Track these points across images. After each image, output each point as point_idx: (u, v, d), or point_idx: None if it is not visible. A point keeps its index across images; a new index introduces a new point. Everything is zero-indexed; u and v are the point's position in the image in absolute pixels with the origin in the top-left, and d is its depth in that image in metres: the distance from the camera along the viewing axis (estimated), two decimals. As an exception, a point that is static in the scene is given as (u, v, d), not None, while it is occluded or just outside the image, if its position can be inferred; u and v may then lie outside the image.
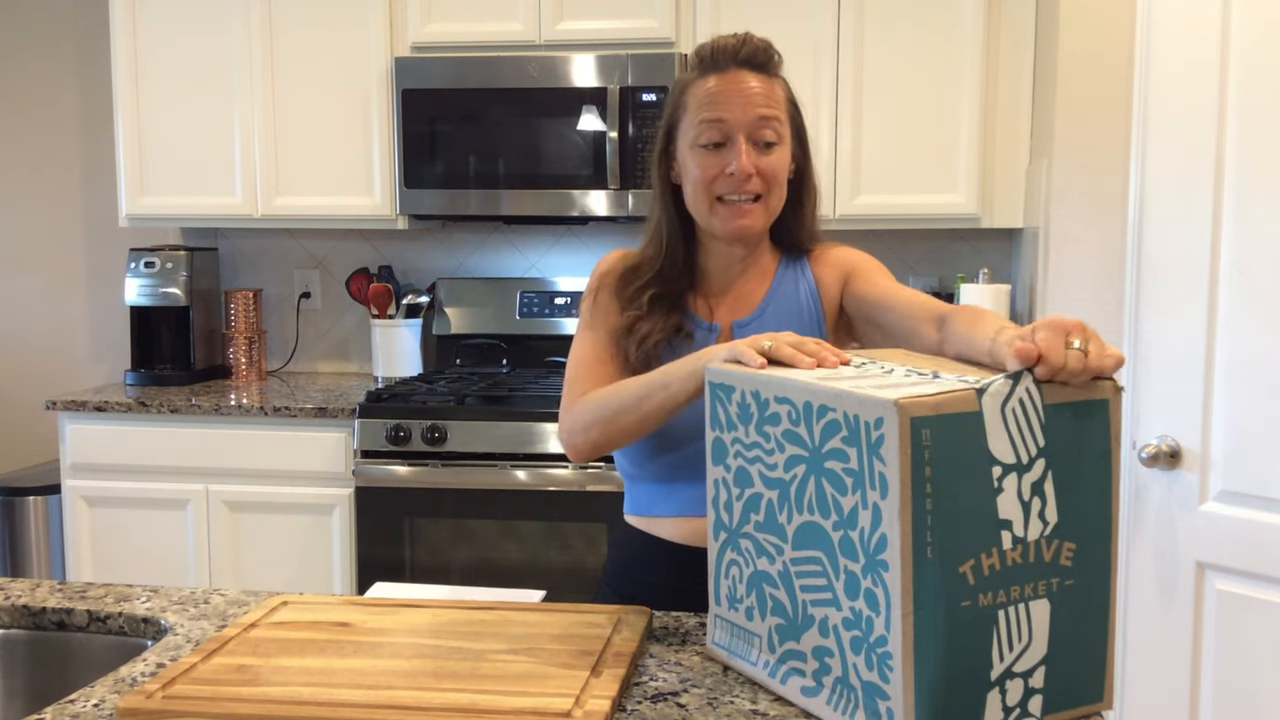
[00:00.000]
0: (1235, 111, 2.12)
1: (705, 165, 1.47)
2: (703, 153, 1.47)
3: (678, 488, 1.53)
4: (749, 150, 1.45)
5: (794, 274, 1.58)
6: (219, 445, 3.10)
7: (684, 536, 1.52)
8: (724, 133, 1.46)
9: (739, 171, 1.45)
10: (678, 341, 1.53)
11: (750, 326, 1.54)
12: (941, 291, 3.33)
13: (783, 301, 1.56)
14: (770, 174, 1.48)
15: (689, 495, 1.51)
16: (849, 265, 1.56)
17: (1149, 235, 2.29)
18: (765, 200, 1.49)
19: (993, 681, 1.01)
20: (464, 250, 3.64)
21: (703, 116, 1.47)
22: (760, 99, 1.46)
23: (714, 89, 1.47)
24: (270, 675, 1.16)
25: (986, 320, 1.21)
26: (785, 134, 1.49)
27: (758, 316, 1.55)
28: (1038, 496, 1.01)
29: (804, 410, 1.06)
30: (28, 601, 1.45)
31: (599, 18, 3.15)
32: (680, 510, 1.53)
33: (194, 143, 3.35)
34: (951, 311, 1.34)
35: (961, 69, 3.04)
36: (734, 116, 1.45)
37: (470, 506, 2.95)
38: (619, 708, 1.12)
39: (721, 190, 1.47)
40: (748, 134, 1.46)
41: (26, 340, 3.87)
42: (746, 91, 1.46)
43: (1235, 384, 2.13)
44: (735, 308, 1.57)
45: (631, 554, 1.60)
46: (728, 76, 1.47)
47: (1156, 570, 2.28)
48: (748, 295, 1.57)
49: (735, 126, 1.46)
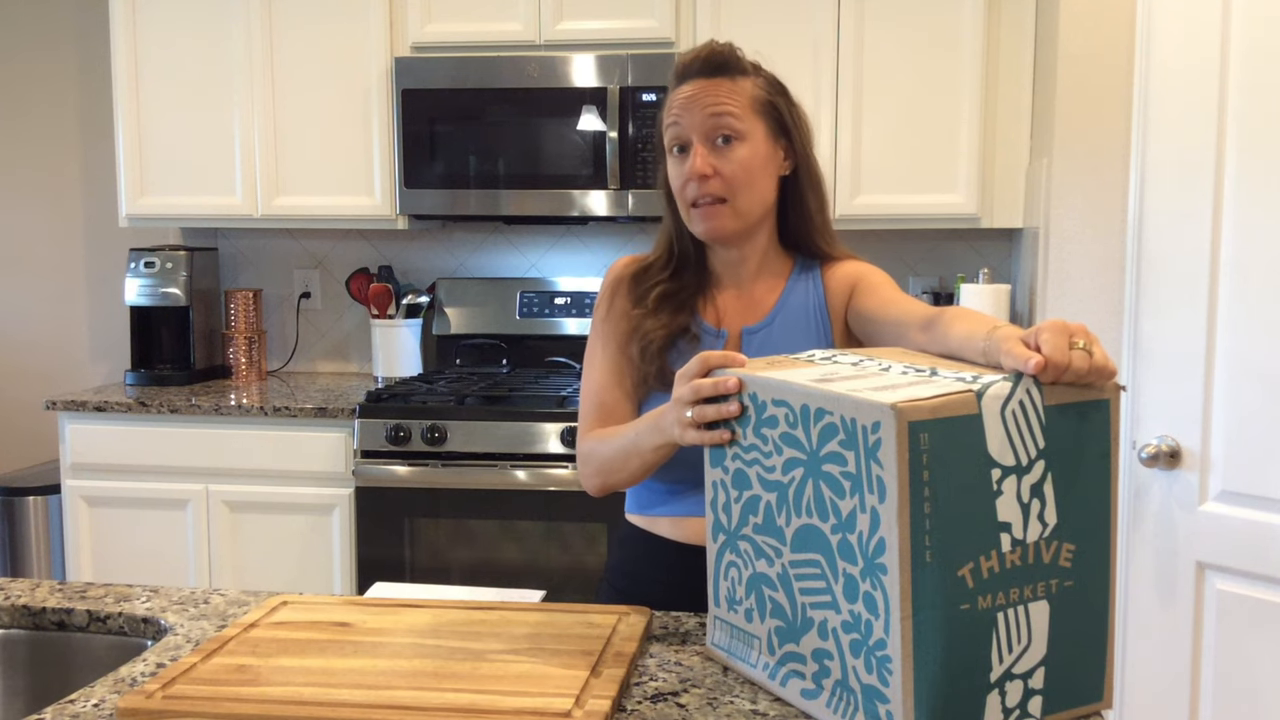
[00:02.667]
0: (1235, 111, 2.12)
1: (675, 173, 1.51)
2: (673, 161, 1.51)
3: (677, 488, 1.53)
4: (703, 152, 1.47)
5: (806, 283, 1.57)
6: (219, 445, 3.10)
7: (684, 536, 1.53)
8: (681, 138, 1.49)
9: (690, 173, 1.47)
10: (683, 344, 1.53)
11: (759, 334, 1.54)
12: (941, 291, 3.33)
13: (792, 311, 1.55)
14: (730, 174, 1.47)
15: (688, 496, 1.52)
16: (855, 279, 1.55)
17: (1149, 235, 2.29)
18: (731, 202, 1.48)
19: (992, 683, 1.01)
20: (464, 250, 3.64)
21: (666, 125, 1.51)
22: (709, 99, 1.47)
23: (674, 100, 1.51)
24: (270, 675, 1.16)
25: (976, 318, 1.21)
26: (748, 129, 1.48)
27: (767, 325, 1.55)
28: (1037, 498, 1.01)
29: (801, 413, 1.06)
30: (28, 601, 1.45)
31: (599, 18, 3.15)
32: (680, 511, 1.53)
33: (194, 143, 3.35)
34: (938, 314, 1.34)
35: (961, 69, 3.04)
36: (687, 121, 1.48)
37: (470, 506, 2.95)
38: (619, 708, 1.12)
39: (691, 195, 1.49)
40: (703, 136, 1.47)
41: (26, 340, 3.87)
42: (699, 96, 1.48)
43: (1235, 384, 2.13)
44: (745, 314, 1.57)
45: (633, 551, 1.61)
46: (690, 85, 1.50)
47: (1156, 570, 2.28)
48: (758, 302, 1.57)
49: (689, 130, 1.48)
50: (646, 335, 1.53)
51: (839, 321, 1.56)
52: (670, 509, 1.54)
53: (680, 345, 1.53)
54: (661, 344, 1.52)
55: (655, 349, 1.52)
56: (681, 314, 1.55)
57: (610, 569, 1.66)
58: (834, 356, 1.20)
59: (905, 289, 3.26)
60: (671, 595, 1.49)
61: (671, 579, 1.52)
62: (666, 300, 1.55)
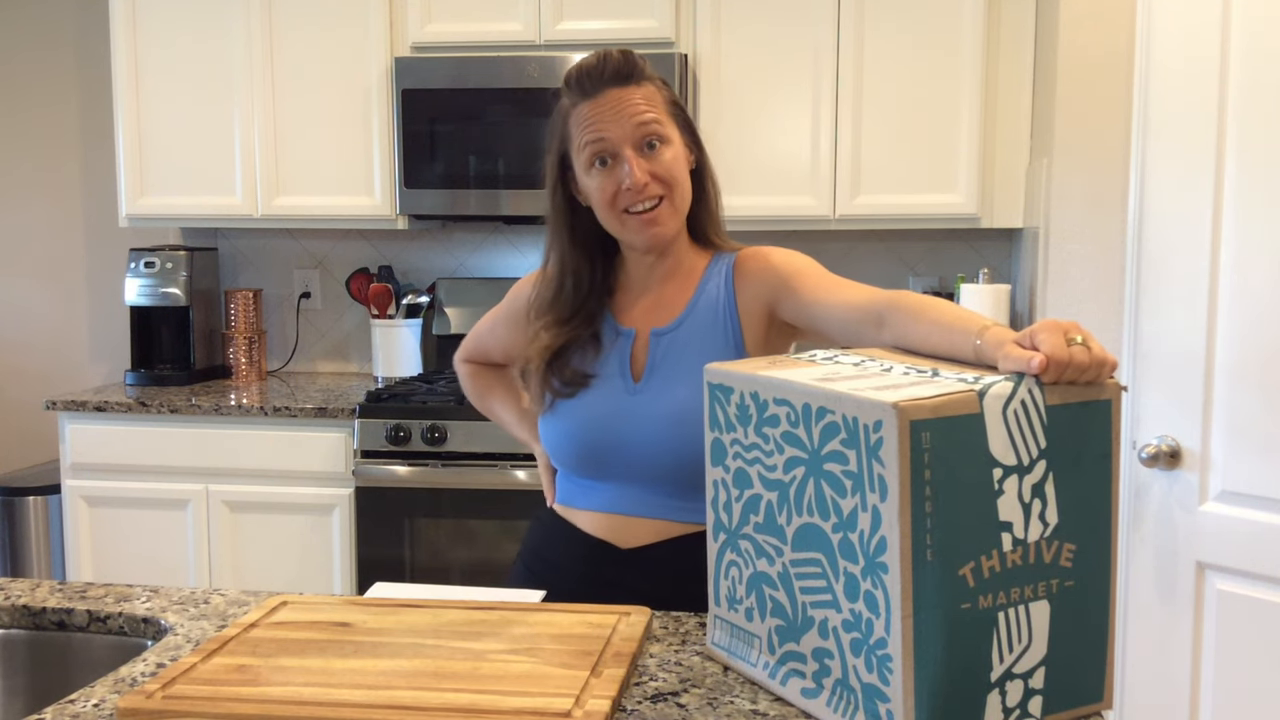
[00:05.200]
0: (1235, 111, 2.12)
1: (603, 185, 1.50)
2: (598, 174, 1.50)
3: (595, 485, 1.56)
4: (637, 160, 1.47)
5: (717, 283, 1.57)
6: (219, 445, 3.10)
7: (599, 530, 1.56)
8: (609, 151, 1.49)
9: (633, 184, 1.47)
10: (587, 342, 1.56)
11: (667, 336, 1.55)
12: (941, 291, 3.33)
13: (703, 312, 1.55)
14: (665, 174, 1.49)
15: (602, 494, 1.55)
16: (779, 276, 1.52)
17: (1149, 235, 2.29)
18: (670, 200, 1.50)
19: (993, 683, 1.01)
20: (464, 250, 3.64)
21: (586, 141, 1.50)
22: (632, 109, 1.48)
23: (589, 114, 1.50)
24: (270, 675, 1.16)
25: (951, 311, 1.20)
26: (669, 132, 1.51)
27: (676, 327, 1.55)
28: (1038, 498, 1.01)
29: (803, 412, 1.06)
30: (28, 601, 1.45)
31: (599, 18, 3.15)
32: (597, 507, 1.56)
33: (194, 142, 3.35)
34: (889, 303, 1.31)
35: (961, 69, 3.04)
36: (613, 133, 1.48)
37: (470, 506, 2.95)
38: (619, 708, 1.12)
39: (625, 204, 1.49)
40: (632, 145, 1.48)
41: (26, 340, 3.87)
42: (619, 106, 1.48)
43: (1235, 384, 2.13)
44: (656, 314, 1.57)
45: (547, 536, 1.64)
46: (599, 99, 1.50)
47: (1156, 570, 2.28)
48: (669, 301, 1.57)
49: (618, 142, 1.48)
50: (543, 345, 1.56)
51: (755, 319, 1.54)
52: (588, 504, 1.57)
53: (585, 343, 1.56)
54: (559, 351, 1.55)
55: (552, 358, 1.55)
56: (586, 325, 1.57)
57: (526, 548, 1.68)
58: (835, 356, 1.20)
59: (906, 289, 3.26)
60: (580, 586, 1.52)
61: (581, 570, 1.56)
62: (563, 326, 1.57)
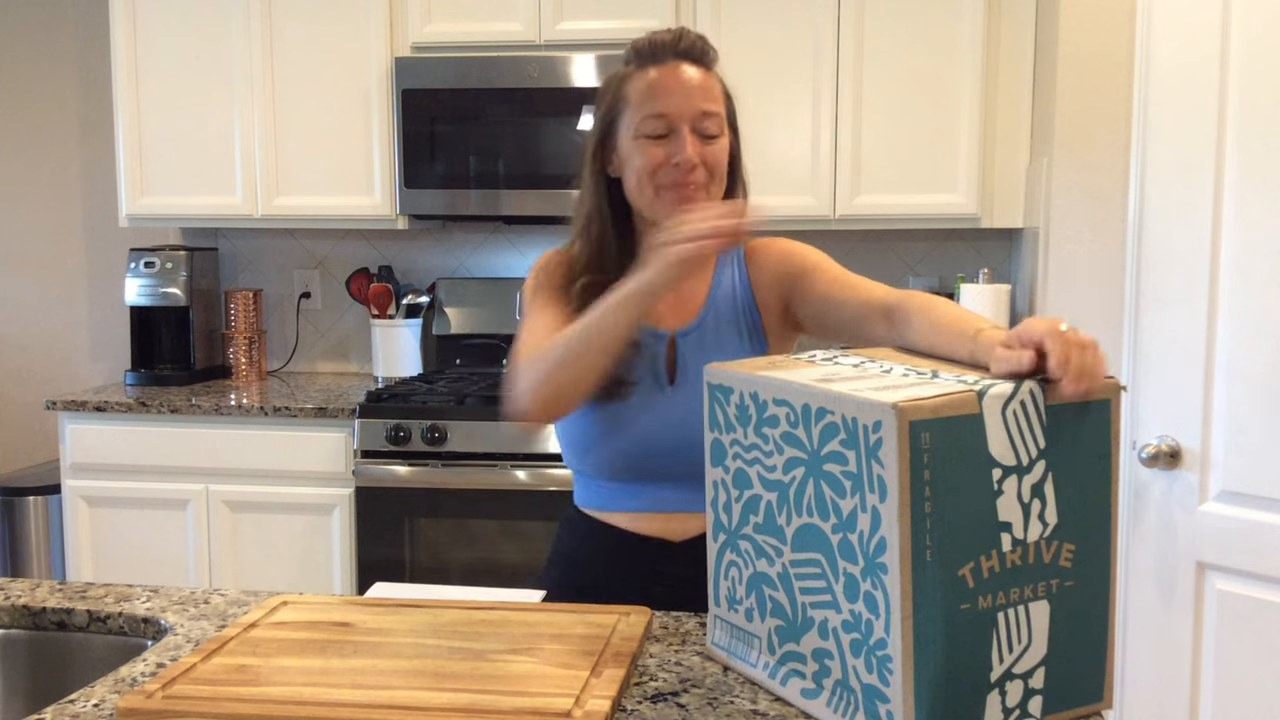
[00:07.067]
0: (1235, 110, 2.12)
1: (650, 155, 1.47)
2: (647, 143, 1.47)
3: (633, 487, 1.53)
4: (694, 141, 1.46)
5: (731, 272, 1.56)
6: (219, 445, 3.10)
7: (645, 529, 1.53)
8: (668, 124, 1.46)
9: (685, 161, 1.45)
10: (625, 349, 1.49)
11: (692, 336, 1.53)
12: (941, 291, 3.33)
13: (721, 305, 1.55)
14: (714, 164, 1.48)
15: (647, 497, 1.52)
16: (796, 265, 1.52)
17: (1149, 235, 2.29)
18: (708, 191, 1.49)
19: (992, 683, 1.01)
20: (464, 250, 3.64)
21: (646, 109, 1.47)
22: (701, 93, 1.47)
23: (655, 80, 1.48)
24: (270, 675, 1.16)
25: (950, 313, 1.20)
26: (724, 128, 1.50)
27: (698, 325, 1.54)
28: (1038, 498, 1.01)
29: (802, 412, 1.06)
30: (28, 601, 1.45)
31: (599, 18, 3.15)
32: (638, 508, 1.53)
33: (194, 142, 3.35)
34: (899, 301, 1.32)
35: (961, 69, 3.04)
36: (677, 108, 1.46)
37: (470, 506, 2.95)
38: (619, 708, 1.12)
39: (664, 180, 1.47)
40: (692, 125, 1.46)
41: (26, 340, 3.87)
42: (688, 84, 1.47)
43: (1235, 384, 2.13)
44: (677, 311, 1.55)
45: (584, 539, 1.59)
46: (667, 68, 1.48)
47: (1156, 570, 2.28)
48: (689, 296, 1.56)
49: (679, 118, 1.46)
50: None
51: (772, 309, 1.53)
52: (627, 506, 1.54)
53: None
54: None
55: None
56: None
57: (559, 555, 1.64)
58: (835, 357, 1.20)
59: (906, 289, 3.26)
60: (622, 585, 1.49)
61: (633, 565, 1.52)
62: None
